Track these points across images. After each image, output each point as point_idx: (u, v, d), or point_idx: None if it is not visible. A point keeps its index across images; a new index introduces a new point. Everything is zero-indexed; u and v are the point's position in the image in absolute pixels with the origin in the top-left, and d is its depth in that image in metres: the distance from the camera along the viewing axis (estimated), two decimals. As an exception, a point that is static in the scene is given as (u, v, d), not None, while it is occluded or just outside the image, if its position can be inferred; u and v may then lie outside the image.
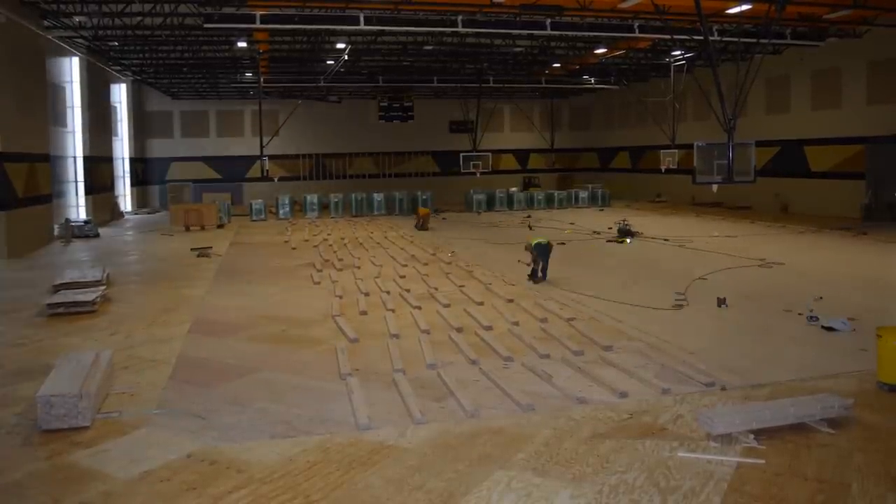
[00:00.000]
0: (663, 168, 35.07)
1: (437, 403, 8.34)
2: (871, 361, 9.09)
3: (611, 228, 26.36)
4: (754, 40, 21.17)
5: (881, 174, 27.67)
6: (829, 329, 11.36)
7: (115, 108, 37.56)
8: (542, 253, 16.08)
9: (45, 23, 24.33)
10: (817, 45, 27.79)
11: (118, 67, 34.73)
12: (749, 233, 25.46)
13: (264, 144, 33.53)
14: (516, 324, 12.08)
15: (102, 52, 30.44)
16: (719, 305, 13.21)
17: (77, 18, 23.72)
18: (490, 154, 39.70)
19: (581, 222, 29.89)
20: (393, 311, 13.26)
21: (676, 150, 34.02)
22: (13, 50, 21.98)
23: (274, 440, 7.37)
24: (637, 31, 23.92)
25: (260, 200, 34.90)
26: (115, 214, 34.68)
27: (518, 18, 23.08)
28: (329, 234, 27.11)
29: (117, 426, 7.80)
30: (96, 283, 15.37)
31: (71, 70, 29.73)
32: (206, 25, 21.46)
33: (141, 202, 41.78)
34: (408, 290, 15.12)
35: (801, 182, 31.61)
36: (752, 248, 21.09)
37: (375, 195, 36.89)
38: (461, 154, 39.26)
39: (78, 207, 30.20)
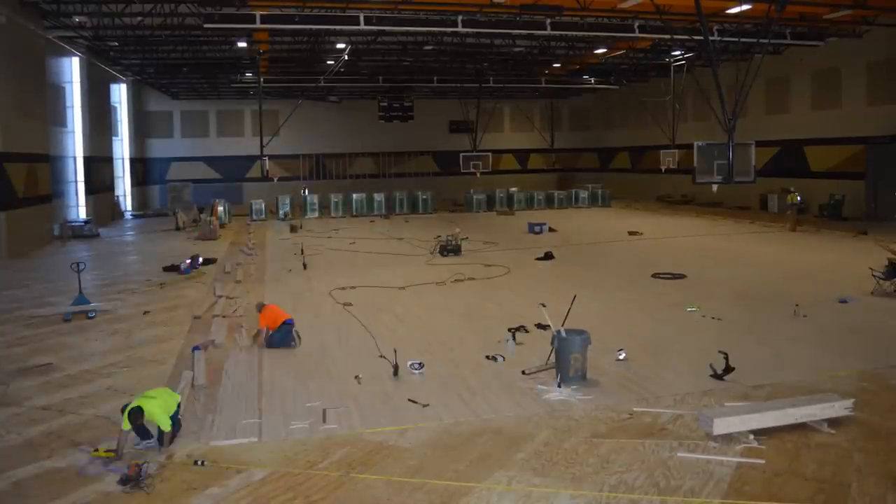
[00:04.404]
0: (663, 168, 35.05)
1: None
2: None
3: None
4: (754, 40, 21.14)
5: (881, 174, 27.66)
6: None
7: (115, 108, 37.55)
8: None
9: (46, 23, 24.32)
10: (817, 45, 27.78)
11: (118, 67, 34.71)
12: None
13: (264, 144, 33.50)
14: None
15: (102, 52, 30.42)
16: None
17: (77, 18, 23.70)
18: (490, 154, 39.65)
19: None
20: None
21: (676, 150, 34.00)
22: (13, 50, 21.97)
23: (274, 440, 7.38)
24: (637, 31, 23.89)
25: (260, 200, 34.90)
26: (116, 214, 34.65)
27: (518, 18, 23.06)
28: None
29: (117, 426, 7.77)
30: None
31: (71, 70, 29.70)
32: (206, 25, 21.43)
33: (141, 202, 41.75)
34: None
35: (801, 182, 31.57)
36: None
37: (376, 195, 36.87)
38: (461, 154, 39.23)
39: (78, 207, 30.17)
